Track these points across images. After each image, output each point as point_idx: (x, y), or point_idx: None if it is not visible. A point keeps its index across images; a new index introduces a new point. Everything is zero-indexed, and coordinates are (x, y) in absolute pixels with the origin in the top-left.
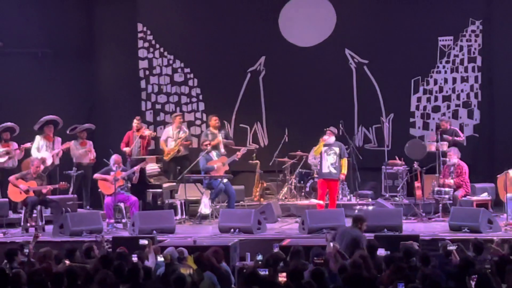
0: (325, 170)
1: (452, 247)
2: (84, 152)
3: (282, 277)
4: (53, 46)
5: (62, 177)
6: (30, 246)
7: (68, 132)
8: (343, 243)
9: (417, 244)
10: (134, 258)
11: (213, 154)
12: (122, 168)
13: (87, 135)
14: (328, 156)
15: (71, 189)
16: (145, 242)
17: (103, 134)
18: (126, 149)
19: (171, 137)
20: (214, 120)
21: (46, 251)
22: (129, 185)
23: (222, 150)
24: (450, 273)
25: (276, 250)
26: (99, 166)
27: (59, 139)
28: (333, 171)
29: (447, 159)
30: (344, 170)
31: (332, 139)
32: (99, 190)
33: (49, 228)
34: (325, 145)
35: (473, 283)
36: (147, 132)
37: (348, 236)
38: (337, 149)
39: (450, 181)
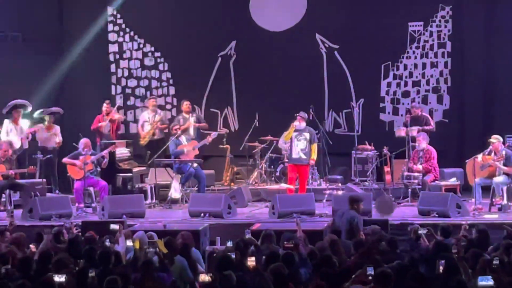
0: (295, 155)
1: (422, 231)
2: (49, 136)
3: (251, 262)
4: (22, 29)
5: (30, 161)
6: (7, 232)
7: (35, 115)
8: (343, 226)
9: (380, 228)
10: (107, 243)
11: (183, 138)
12: (91, 152)
13: (55, 119)
14: (298, 142)
15: (37, 173)
16: (116, 227)
17: (72, 118)
18: (102, 124)
19: (147, 121)
20: (186, 105)
21: (18, 236)
22: (99, 169)
23: (192, 134)
24: (422, 257)
25: (248, 236)
26: (68, 150)
27: (27, 122)
28: (303, 156)
29: (416, 144)
30: (314, 156)
31: (302, 124)
32: (68, 174)
33: (17, 212)
34: (295, 131)
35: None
36: (116, 116)
37: (344, 218)
38: (307, 135)
39: (419, 166)
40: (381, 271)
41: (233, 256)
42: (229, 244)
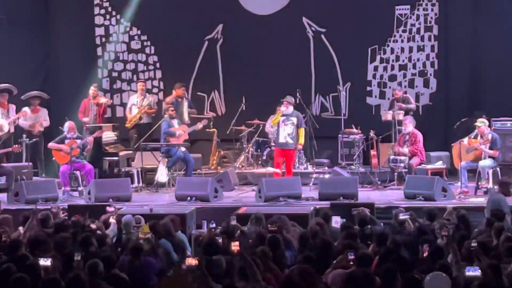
0: (281, 140)
1: (405, 216)
2: (35, 119)
3: (235, 246)
4: (7, 12)
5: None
6: None
7: (22, 98)
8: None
9: (369, 210)
10: (93, 226)
11: (174, 121)
12: (77, 135)
13: (40, 103)
14: (285, 126)
15: (23, 157)
16: (112, 209)
17: (58, 102)
18: (85, 119)
19: (135, 105)
20: (182, 90)
21: (3, 218)
22: (84, 153)
23: (187, 119)
24: (404, 242)
25: (233, 222)
26: (55, 133)
27: (14, 106)
28: (290, 141)
29: (403, 127)
30: (301, 140)
31: (289, 109)
32: (53, 159)
33: (3, 196)
34: (282, 115)
35: (425, 252)
36: (103, 99)
37: (490, 202)
38: (294, 119)
39: (405, 149)
40: (362, 252)
41: (220, 240)
42: (212, 225)
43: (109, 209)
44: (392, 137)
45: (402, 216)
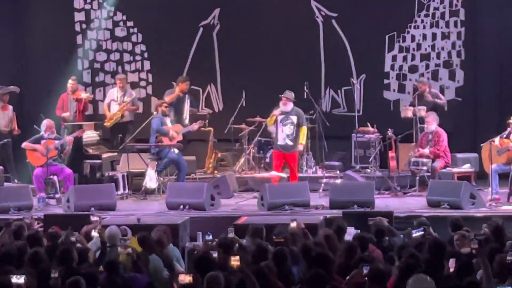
0: (280, 141)
1: (418, 233)
2: (4, 117)
3: (235, 261)
4: None
5: None
6: None
7: None
8: None
9: (387, 220)
10: (73, 238)
11: (167, 120)
12: (55, 135)
13: (9, 99)
14: (284, 127)
15: None
16: (96, 218)
17: (33, 97)
18: (65, 115)
19: (115, 100)
20: (186, 84)
21: None
22: (62, 155)
23: (187, 119)
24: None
25: (231, 234)
26: (29, 133)
27: None
28: (289, 143)
29: (425, 125)
30: (303, 140)
31: (289, 106)
32: (27, 160)
33: None
34: (281, 114)
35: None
36: (83, 94)
37: None
38: (294, 118)
39: (425, 150)
40: (376, 267)
41: (215, 254)
42: (208, 237)
43: (93, 218)
44: (413, 136)
45: (416, 234)
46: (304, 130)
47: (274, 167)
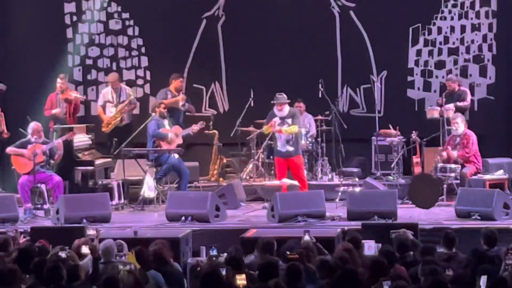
0: (281, 148)
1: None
2: None
3: (240, 280)
4: None
5: None
6: None
7: None
8: None
9: (411, 233)
10: (63, 254)
11: (165, 122)
12: (42, 139)
13: None
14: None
15: None
16: (93, 232)
17: (18, 97)
18: (55, 111)
19: (111, 102)
20: (180, 82)
21: None
22: (52, 161)
23: (181, 119)
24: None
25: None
26: (14, 137)
27: None
28: (290, 148)
29: (452, 127)
30: (288, 130)
31: (285, 110)
32: (12, 167)
33: None
34: (281, 118)
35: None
36: (74, 94)
37: None
38: (290, 121)
39: (453, 153)
40: (400, 285)
41: (224, 272)
42: (213, 252)
43: (89, 232)
44: (440, 139)
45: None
46: (295, 128)
47: (278, 175)
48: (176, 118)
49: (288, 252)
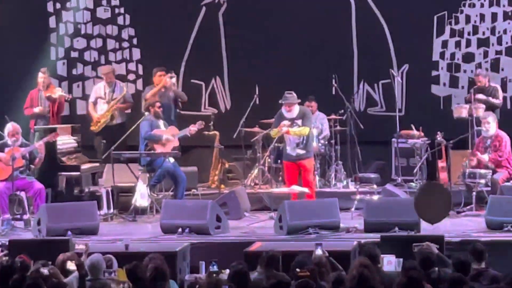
0: (290, 151)
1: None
2: None
3: None
4: None
5: None
6: None
7: None
8: None
9: (436, 246)
10: (45, 270)
11: (160, 122)
12: (21, 142)
13: None
14: (291, 136)
15: None
16: (83, 247)
17: None
18: (37, 110)
19: (103, 98)
20: (159, 76)
21: None
22: (32, 166)
23: (173, 115)
24: None
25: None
26: None
27: None
28: (301, 152)
29: (483, 128)
30: (298, 132)
31: (294, 111)
32: None
33: None
34: (290, 120)
35: None
36: (59, 93)
37: None
38: (300, 122)
39: (484, 157)
40: None
41: None
42: (213, 268)
43: (78, 246)
44: (468, 142)
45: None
46: (306, 130)
47: (287, 181)
48: (166, 113)
49: (298, 269)
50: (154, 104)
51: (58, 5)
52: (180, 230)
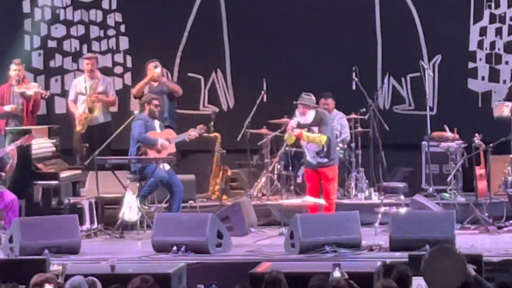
0: (310, 159)
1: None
2: None
3: None
4: None
5: None
6: None
7: None
8: None
9: (474, 267)
10: None
11: (155, 123)
12: None
13: None
14: (308, 144)
15: None
16: (58, 268)
17: None
18: (8, 108)
19: (83, 94)
20: (152, 67)
21: None
22: (2, 174)
23: (167, 111)
24: None
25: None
26: None
27: None
28: (322, 160)
29: None
30: (312, 140)
31: (308, 115)
32: None
33: None
34: (301, 126)
35: None
36: (34, 89)
37: None
38: (316, 130)
39: None
40: None
41: None
42: None
43: (53, 267)
44: (511, 145)
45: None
46: (324, 138)
47: (308, 191)
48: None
49: None
50: (151, 102)
51: None
52: (175, 248)
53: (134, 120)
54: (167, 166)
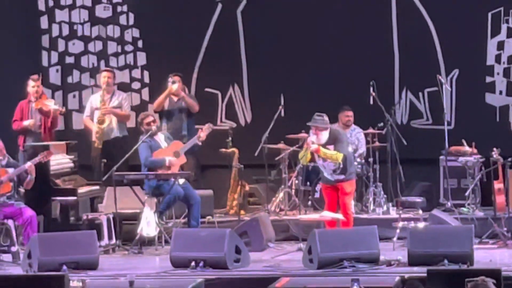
0: (327, 176)
1: None
2: None
3: None
4: None
5: None
6: None
7: None
8: None
9: (493, 281)
10: None
11: (160, 138)
12: (7, 162)
13: None
14: (325, 162)
15: None
16: (79, 284)
17: None
18: (27, 123)
19: (99, 109)
20: (172, 82)
21: None
22: (22, 190)
23: (185, 127)
24: None
25: None
26: None
27: None
28: (339, 177)
29: None
30: (329, 156)
31: (323, 136)
32: None
33: None
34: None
35: None
36: (52, 106)
37: None
38: (332, 148)
39: None
40: None
41: None
42: None
43: (73, 284)
44: None
45: None
46: (340, 156)
47: (327, 206)
48: (175, 126)
49: None
50: (142, 122)
51: (51, 3)
52: (193, 264)
53: (139, 144)
54: (181, 180)
